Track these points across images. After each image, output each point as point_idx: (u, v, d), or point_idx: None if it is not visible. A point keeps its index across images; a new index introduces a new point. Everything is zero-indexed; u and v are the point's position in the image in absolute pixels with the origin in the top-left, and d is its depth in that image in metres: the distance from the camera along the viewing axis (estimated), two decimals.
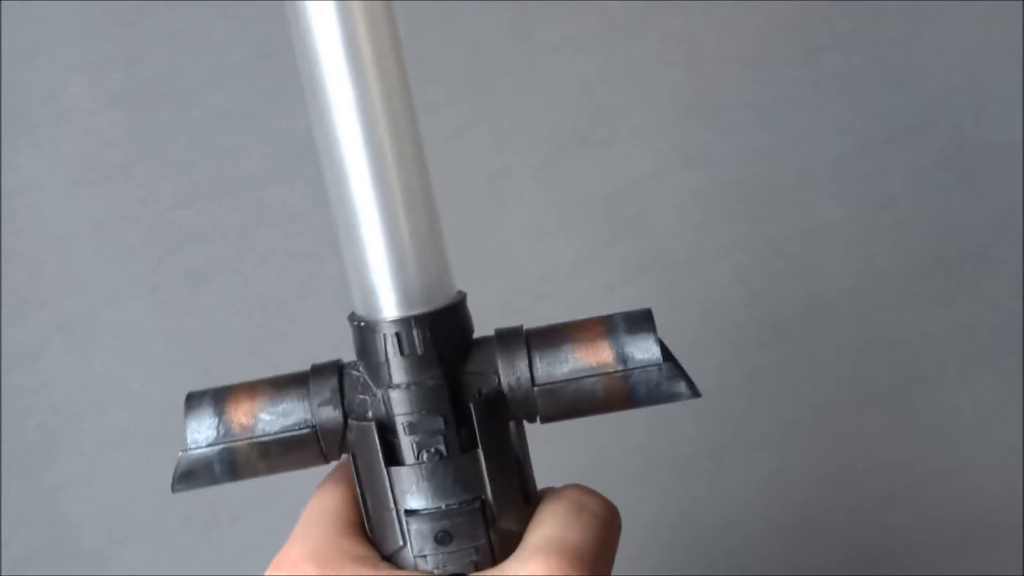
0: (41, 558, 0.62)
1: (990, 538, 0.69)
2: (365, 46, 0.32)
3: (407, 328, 0.32)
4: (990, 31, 0.72)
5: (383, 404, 0.33)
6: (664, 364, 0.34)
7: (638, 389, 0.34)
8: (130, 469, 0.63)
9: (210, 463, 0.34)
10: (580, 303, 0.67)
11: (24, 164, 0.63)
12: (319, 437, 0.33)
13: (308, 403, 0.34)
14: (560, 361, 0.34)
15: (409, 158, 0.33)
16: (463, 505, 0.32)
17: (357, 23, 0.32)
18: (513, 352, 0.34)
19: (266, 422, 0.34)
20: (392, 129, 0.33)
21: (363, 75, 0.32)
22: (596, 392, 0.34)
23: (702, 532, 0.68)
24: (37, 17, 0.64)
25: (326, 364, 0.34)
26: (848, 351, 0.69)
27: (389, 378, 0.32)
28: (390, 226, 0.33)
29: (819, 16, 0.70)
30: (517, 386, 0.33)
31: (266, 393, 0.34)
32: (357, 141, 0.32)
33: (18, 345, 0.63)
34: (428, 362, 0.32)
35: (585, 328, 0.35)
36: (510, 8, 0.67)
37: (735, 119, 0.69)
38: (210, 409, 0.34)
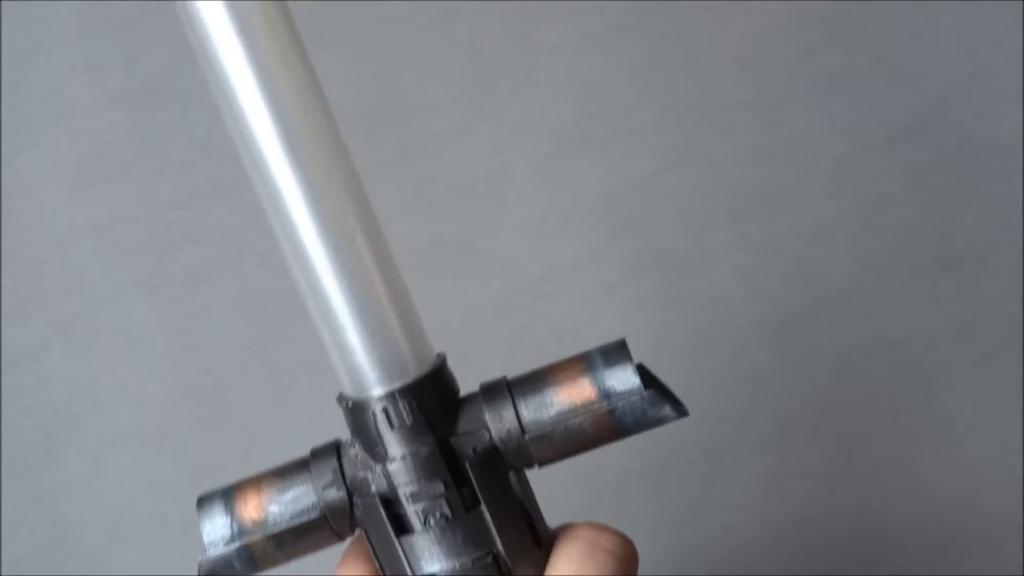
0: (41, 558, 0.62)
1: (990, 538, 0.69)
2: (307, 145, 0.33)
3: (393, 401, 0.33)
4: (990, 31, 0.72)
5: (383, 478, 0.34)
6: (646, 392, 0.34)
7: (625, 420, 0.34)
8: (130, 469, 0.63)
9: (229, 562, 0.35)
10: (580, 303, 0.67)
11: (24, 164, 0.63)
12: (329, 519, 0.34)
13: (313, 488, 0.35)
14: (546, 406, 0.34)
15: (369, 241, 0.34)
16: (476, 562, 0.33)
17: (298, 135, 0.33)
18: (499, 405, 0.34)
19: (276, 513, 0.35)
20: (349, 221, 0.34)
21: (312, 175, 0.33)
22: (585, 430, 0.34)
23: (702, 532, 0.68)
24: (37, 17, 0.64)
25: (324, 446, 0.35)
26: (848, 351, 0.69)
27: (385, 452, 0.33)
28: (362, 309, 0.34)
29: (819, 16, 0.70)
30: (508, 438, 0.34)
31: (272, 484, 0.35)
32: (316, 240, 0.33)
33: (18, 345, 0.63)
34: (419, 430, 0.33)
35: (564, 369, 0.35)
36: (510, 8, 0.68)
37: (735, 119, 0.69)
38: (221, 508, 0.35)
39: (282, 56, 0.33)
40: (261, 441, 0.64)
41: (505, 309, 0.66)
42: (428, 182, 0.67)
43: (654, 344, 0.68)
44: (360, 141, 0.69)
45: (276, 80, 0.33)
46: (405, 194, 0.66)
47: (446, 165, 0.67)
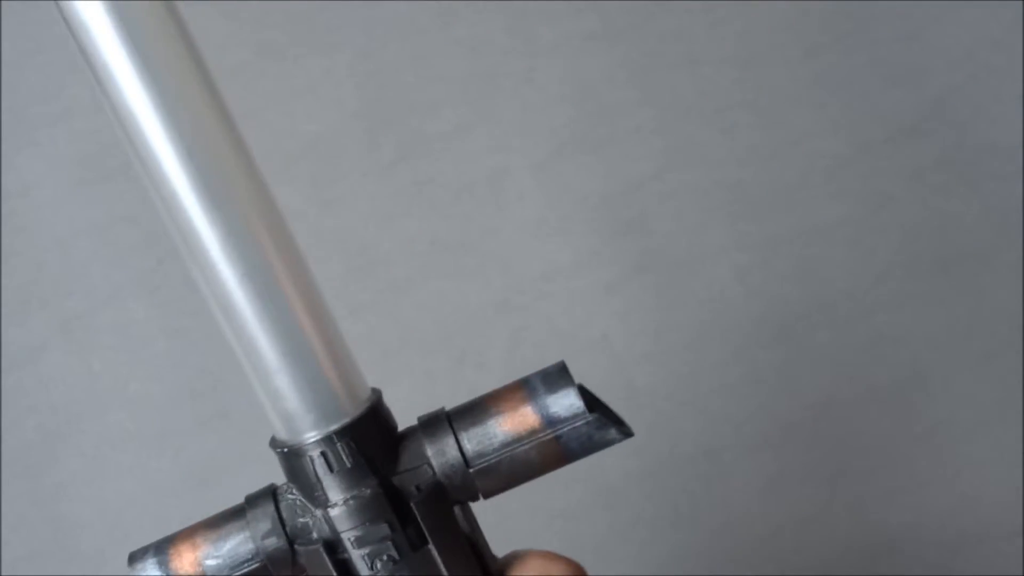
0: (41, 558, 0.62)
1: (990, 538, 0.69)
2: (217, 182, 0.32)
3: (331, 444, 0.32)
4: (990, 31, 0.72)
5: (325, 523, 0.32)
6: (591, 416, 0.33)
7: (571, 446, 0.33)
8: (130, 469, 0.63)
9: None
10: (580, 303, 0.67)
11: (24, 164, 0.63)
12: (270, 568, 0.33)
13: (250, 535, 0.33)
14: (489, 437, 0.33)
15: (294, 280, 0.33)
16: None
17: (208, 172, 0.31)
18: (440, 439, 0.33)
19: (215, 567, 0.33)
20: (269, 260, 0.32)
21: (226, 214, 0.32)
22: (532, 459, 0.33)
23: (702, 531, 0.68)
24: (37, 18, 0.64)
25: (260, 492, 0.34)
26: (848, 351, 0.69)
27: (325, 497, 0.32)
28: (290, 351, 0.32)
29: (818, 16, 0.70)
30: (452, 473, 0.33)
31: (207, 537, 0.34)
32: (236, 284, 0.32)
33: (18, 345, 0.63)
34: (360, 472, 0.32)
35: (505, 397, 0.34)
36: (510, 9, 0.68)
37: (735, 119, 0.69)
38: (155, 567, 0.34)
39: (181, 84, 0.31)
40: (261, 441, 0.64)
41: (505, 309, 0.66)
42: (428, 182, 0.67)
43: (653, 344, 0.68)
44: (360, 141, 0.69)
45: (178, 111, 0.31)
46: (405, 194, 0.66)
47: (446, 165, 0.67)
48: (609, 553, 0.67)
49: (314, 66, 0.67)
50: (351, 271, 0.66)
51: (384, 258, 0.66)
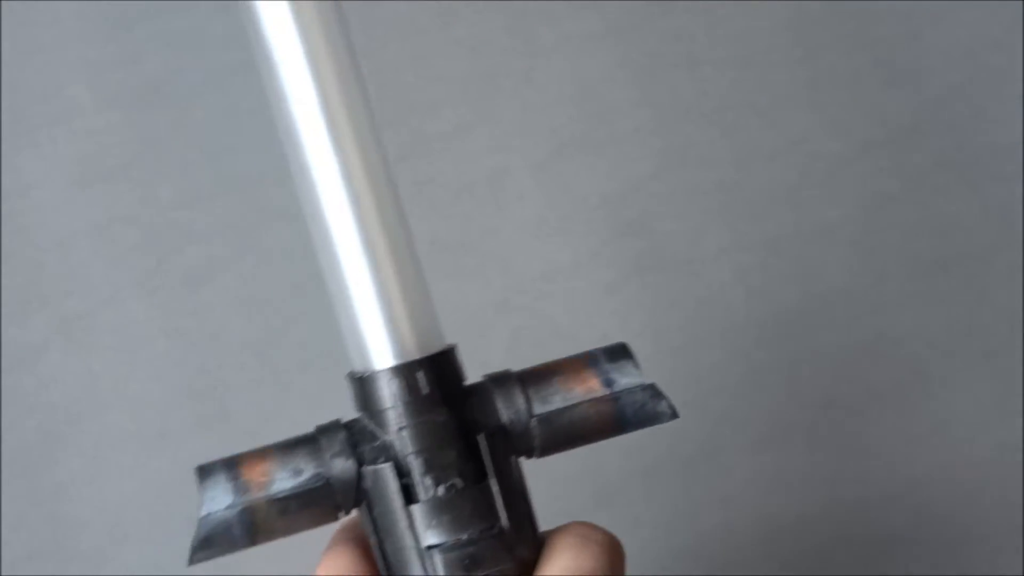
0: (41, 558, 0.62)
1: (990, 538, 0.69)
2: (340, 113, 0.36)
3: (410, 372, 0.34)
4: (990, 31, 0.72)
5: (394, 448, 0.34)
6: (648, 385, 0.36)
7: (625, 411, 0.36)
8: (130, 469, 0.63)
9: (229, 526, 0.35)
10: (580, 303, 0.67)
11: (24, 164, 0.63)
12: (334, 488, 0.35)
13: (320, 458, 0.35)
14: (552, 393, 0.36)
15: (391, 212, 0.36)
16: (483, 533, 0.33)
17: (330, 91, 0.36)
18: (509, 389, 0.36)
19: (282, 479, 0.35)
20: (374, 193, 0.36)
21: (344, 145, 0.36)
22: (589, 418, 0.36)
23: (701, 532, 0.68)
24: (37, 17, 0.64)
25: (330, 423, 0.36)
26: (848, 351, 0.69)
27: (397, 421, 0.34)
28: (387, 280, 0.35)
29: (818, 16, 0.70)
30: (516, 419, 0.35)
31: (277, 455, 0.35)
32: (344, 211, 0.35)
33: (18, 345, 0.63)
34: (434, 401, 0.34)
35: (570, 363, 0.37)
36: (510, 8, 0.68)
37: (735, 119, 0.69)
38: (224, 475, 0.35)
39: None
40: (261, 441, 0.64)
41: (505, 309, 0.66)
42: (428, 182, 0.67)
43: (653, 344, 0.68)
44: None
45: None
46: (405, 194, 0.66)
47: (446, 165, 0.67)
48: None
49: None
50: None
51: None
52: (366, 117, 0.36)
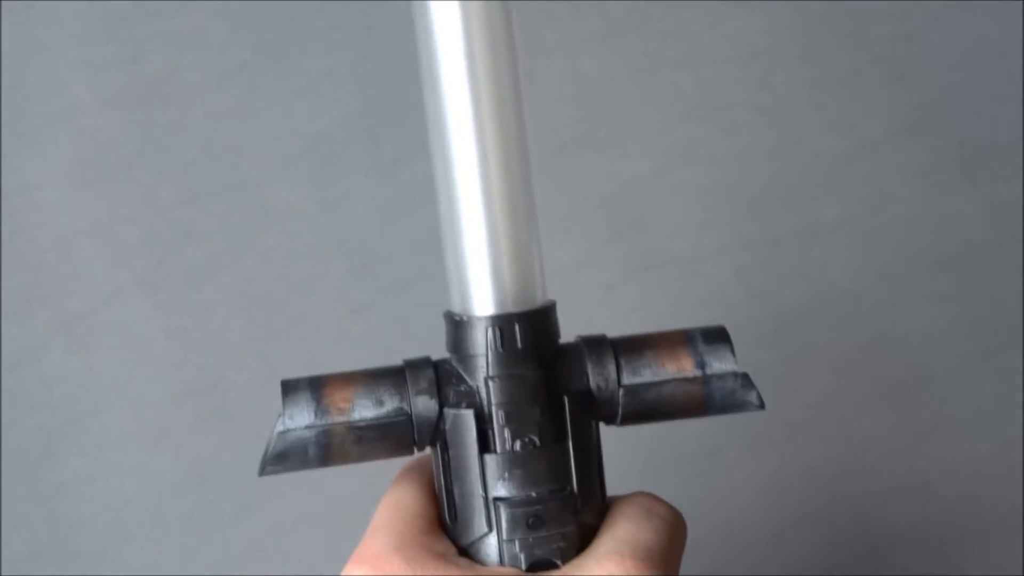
0: (42, 558, 0.62)
1: (990, 538, 0.69)
2: (484, 60, 0.35)
3: (509, 324, 0.34)
4: (990, 31, 0.72)
5: (478, 395, 0.34)
6: (740, 373, 0.36)
7: (714, 396, 0.36)
8: (131, 469, 0.63)
9: (305, 445, 0.35)
10: (580, 302, 0.67)
11: (24, 164, 0.63)
12: (414, 425, 0.35)
13: (404, 393, 0.35)
14: (644, 366, 0.36)
15: (516, 165, 0.36)
16: (552, 493, 0.33)
17: (476, 39, 0.35)
18: (601, 355, 0.36)
19: (364, 407, 0.35)
20: (502, 140, 0.35)
21: (480, 87, 0.35)
22: (676, 397, 0.36)
23: (703, 531, 0.68)
24: (38, 17, 0.64)
25: (420, 359, 0.36)
26: (849, 350, 0.69)
27: (488, 370, 0.34)
28: (497, 229, 0.35)
29: (819, 15, 0.70)
30: (605, 386, 0.35)
31: (362, 382, 0.35)
32: (470, 153, 0.35)
33: (19, 345, 0.63)
34: (526, 356, 0.34)
35: (666, 338, 0.37)
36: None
37: (736, 118, 0.69)
38: (308, 393, 0.35)
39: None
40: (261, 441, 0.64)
41: None
42: (428, 182, 0.67)
43: None
44: (360, 141, 0.69)
45: None
46: (405, 194, 0.66)
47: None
48: None
49: (314, 66, 0.67)
50: (351, 271, 0.66)
51: (384, 258, 0.66)
52: (509, 69, 0.36)
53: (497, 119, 0.35)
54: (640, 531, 0.33)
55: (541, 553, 0.33)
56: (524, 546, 0.33)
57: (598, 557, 0.32)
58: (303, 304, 0.65)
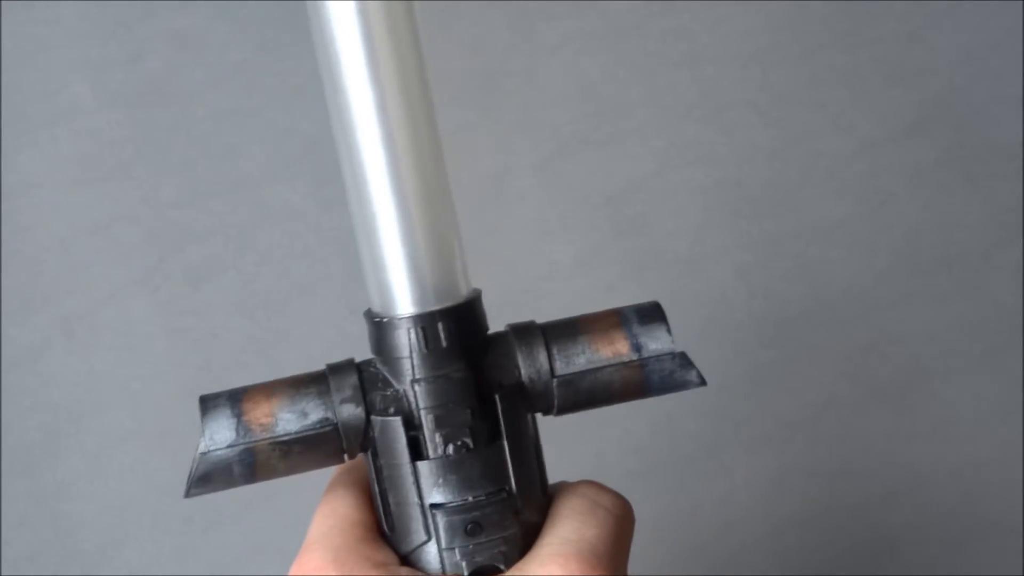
0: (42, 557, 0.62)
1: (990, 538, 0.69)
2: (383, 44, 0.33)
3: (431, 322, 0.33)
4: (991, 31, 0.72)
5: (405, 399, 0.33)
6: (677, 353, 0.35)
7: (652, 378, 0.35)
8: (131, 468, 0.63)
9: (229, 465, 0.33)
10: (581, 302, 0.67)
11: (25, 163, 0.63)
12: (341, 435, 0.33)
13: (328, 401, 0.33)
14: (577, 353, 0.34)
15: (427, 153, 0.34)
16: (490, 496, 0.32)
17: (375, 22, 0.33)
18: (531, 345, 0.34)
19: (287, 421, 0.33)
20: (410, 128, 0.33)
21: (381, 74, 0.33)
22: (613, 382, 0.34)
23: (703, 531, 0.68)
24: (38, 16, 0.64)
25: (343, 363, 0.34)
26: (849, 350, 0.70)
27: (413, 372, 0.33)
28: (411, 223, 0.33)
29: (820, 15, 0.70)
30: (537, 378, 0.34)
31: (284, 393, 0.34)
32: (375, 142, 0.33)
33: (19, 345, 0.63)
34: (453, 355, 0.33)
35: (598, 321, 0.35)
36: (511, 7, 0.68)
37: (736, 118, 0.69)
38: (227, 410, 0.33)
39: None
40: None
41: (505, 308, 0.66)
42: None
43: None
44: None
45: None
46: None
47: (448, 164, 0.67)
48: None
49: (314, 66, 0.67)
50: (351, 271, 0.66)
51: None
52: (412, 52, 0.34)
53: (401, 98, 0.33)
54: (585, 527, 0.32)
55: (483, 560, 0.32)
56: (464, 553, 0.32)
57: (541, 560, 0.31)
58: (303, 304, 0.65)
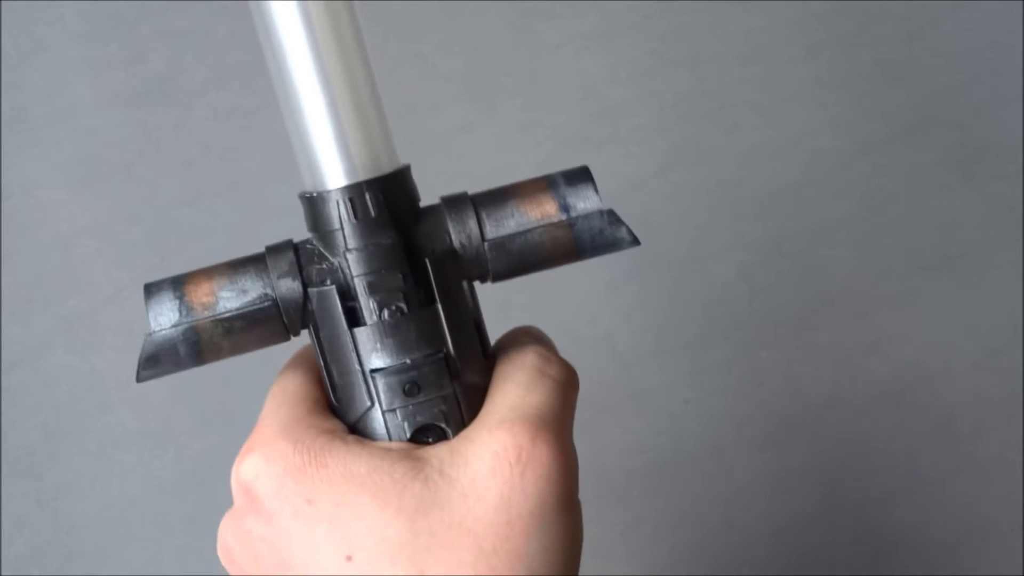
0: (43, 557, 0.62)
1: (990, 538, 0.70)
2: None
3: (359, 193, 0.33)
4: (991, 31, 0.72)
5: (340, 271, 0.33)
6: (605, 211, 0.35)
7: (583, 237, 0.35)
8: (133, 468, 0.63)
9: (174, 345, 0.34)
10: (582, 302, 0.67)
11: (26, 163, 0.63)
12: (280, 309, 0.34)
13: (266, 279, 0.34)
14: (507, 216, 0.35)
15: (345, 29, 0.34)
16: (427, 357, 0.33)
17: None
18: (461, 213, 0.35)
19: (227, 299, 0.34)
20: (327, 8, 0.34)
21: None
22: (544, 243, 0.35)
23: (704, 531, 0.68)
24: (39, 17, 0.64)
25: (280, 243, 0.35)
26: (849, 349, 0.70)
27: (345, 243, 0.33)
28: (332, 96, 0.34)
29: (820, 15, 0.71)
30: (468, 244, 0.34)
31: (224, 274, 0.34)
32: (294, 23, 0.33)
33: (21, 344, 0.63)
34: (382, 224, 0.33)
35: (527, 186, 0.36)
36: (513, 7, 0.68)
37: (737, 118, 0.70)
38: (170, 293, 0.34)
39: None
40: None
41: (505, 308, 0.66)
42: (430, 181, 0.67)
43: (656, 342, 0.68)
44: None
45: None
46: None
47: (448, 164, 0.67)
48: (610, 553, 0.67)
49: None
50: None
51: None
52: None
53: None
54: (530, 394, 0.32)
55: (424, 419, 0.32)
56: (406, 415, 0.32)
57: (489, 426, 0.32)
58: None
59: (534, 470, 0.30)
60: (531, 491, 0.30)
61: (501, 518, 0.30)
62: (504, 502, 0.30)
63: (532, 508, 0.30)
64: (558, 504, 0.31)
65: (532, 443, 0.31)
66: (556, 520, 0.31)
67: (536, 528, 0.30)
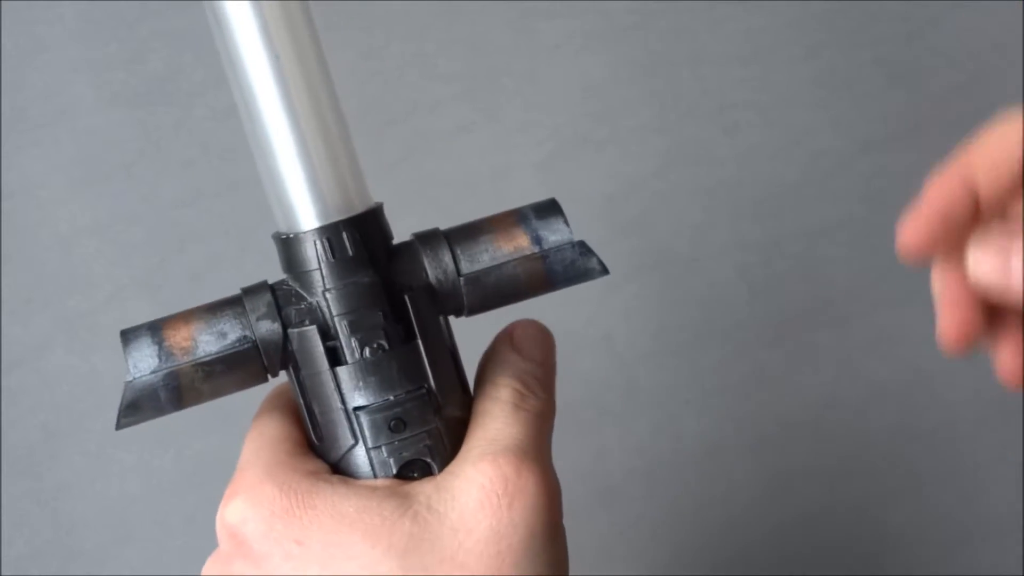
0: (43, 557, 0.62)
1: (990, 538, 0.70)
2: None
3: (336, 232, 0.34)
4: (991, 31, 0.72)
5: (319, 310, 0.34)
6: (576, 242, 0.36)
7: (555, 268, 0.36)
8: (132, 468, 0.63)
9: (155, 391, 0.34)
10: (581, 302, 0.67)
11: (26, 163, 0.63)
12: (260, 351, 0.34)
13: (245, 321, 0.34)
14: (480, 251, 0.36)
15: (315, 73, 0.34)
16: (410, 394, 0.33)
17: None
18: (436, 249, 0.35)
19: (206, 342, 0.34)
20: (295, 49, 0.34)
21: None
22: (518, 275, 0.36)
23: (704, 531, 0.68)
24: (39, 16, 0.64)
25: (256, 285, 0.35)
26: (849, 349, 0.70)
27: (323, 283, 0.34)
28: (309, 140, 0.34)
29: (820, 15, 0.71)
30: (444, 279, 0.35)
31: (201, 317, 0.35)
32: (263, 65, 0.34)
33: (21, 344, 0.63)
34: (360, 262, 0.34)
35: (498, 221, 0.37)
36: (512, 7, 0.68)
37: (737, 118, 0.69)
38: (148, 339, 0.35)
39: None
40: None
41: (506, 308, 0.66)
42: (430, 181, 0.67)
43: (656, 342, 0.68)
44: (362, 140, 0.69)
45: None
46: (407, 193, 0.66)
47: (448, 164, 0.67)
48: (609, 553, 0.67)
49: None
50: None
51: None
52: None
53: (284, 22, 0.34)
54: (509, 427, 0.33)
55: (410, 454, 0.33)
56: (391, 451, 0.33)
57: (472, 460, 0.32)
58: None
59: (521, 500, 0.31)
60: (519, 521, 0.31)
61: (491, 550, 0.30)
62: (494, 534, 0.30)
63: (522, 538, 0.31)
64: (545, 532, 0.31)
65: (517, 474, 0.31)
66: (544, 548, 0.31)
67: (526, 557, 0.31)
